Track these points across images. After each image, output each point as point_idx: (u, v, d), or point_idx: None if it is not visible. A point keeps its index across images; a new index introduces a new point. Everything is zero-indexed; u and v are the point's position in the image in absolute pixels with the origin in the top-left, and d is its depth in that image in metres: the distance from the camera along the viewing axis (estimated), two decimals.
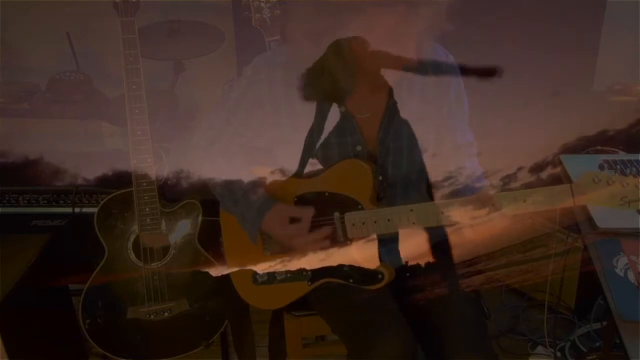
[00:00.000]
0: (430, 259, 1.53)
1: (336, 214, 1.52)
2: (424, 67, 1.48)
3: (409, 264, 1.54)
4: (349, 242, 1.53)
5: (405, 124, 1.52)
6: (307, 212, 1.52)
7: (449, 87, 1.55)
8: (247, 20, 1.99)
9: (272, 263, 1.55)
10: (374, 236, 1.50)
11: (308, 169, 1.54)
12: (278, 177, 1.55)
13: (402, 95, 1.50)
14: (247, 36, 2.18)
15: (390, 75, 1.45)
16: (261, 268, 1.58)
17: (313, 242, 1.51)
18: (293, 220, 1.52)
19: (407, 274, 1.56)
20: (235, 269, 1.62)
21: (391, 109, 1.50)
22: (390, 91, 1.50)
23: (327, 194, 1.53)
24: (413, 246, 1.50)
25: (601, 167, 1.36)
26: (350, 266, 1.53)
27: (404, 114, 1.51)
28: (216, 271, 1.74)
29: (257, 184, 1.54)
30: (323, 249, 1.51)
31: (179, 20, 2.47)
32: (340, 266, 1.54)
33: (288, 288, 1.60)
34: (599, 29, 2.52)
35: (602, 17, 2.51)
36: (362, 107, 1.50)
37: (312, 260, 1.52)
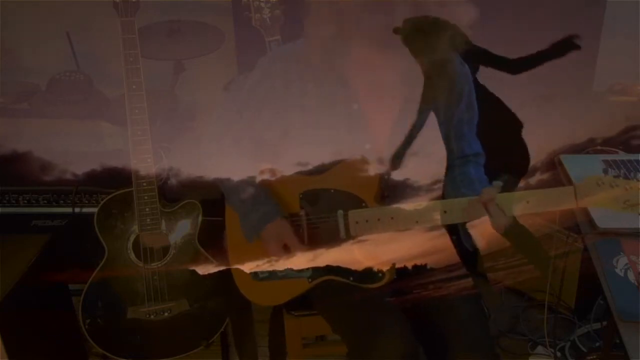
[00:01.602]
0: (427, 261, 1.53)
1: (340, 212, 1.52)
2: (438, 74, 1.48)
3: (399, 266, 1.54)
4: (351, 240, 1.53)
5: (417, 129, 1.51)
6: (300, 250, 1.52)
7: (461, 96, 1.55)
8: (247, 20, 1.98)
9: (280, 262, 1.55)
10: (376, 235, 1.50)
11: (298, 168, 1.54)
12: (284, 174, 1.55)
13: (414, 100, 1.50)
14: (247, 36, 2.18)
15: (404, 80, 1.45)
16: (259, 267, 1.58)
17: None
18: (286, 245, 1.53)
19: (402, 274, 1.56)
20: (240, 266, 1.63)
21: (404, 113, 1.50)
22: (404, 95, 1.50)
23: (332, 191, 1.53)
24: (413, 246, 1.50)
25: (605, 171, 1.36)
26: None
27: (414, 119, 1.51)
28: (203, 270, 1.74)
29: (262, 181, 1.54)
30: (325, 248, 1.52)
31: (179, 20, 2.47)
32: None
33: (288, 285, 1.60)
34: (599, 29, 2.52)
35: (602, 17, 2.51)
36: (375, 106, 1.50)
37: (320, 259, 1.52)
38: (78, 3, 2.44)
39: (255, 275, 1.61)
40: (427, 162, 1.55)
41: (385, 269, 1.53)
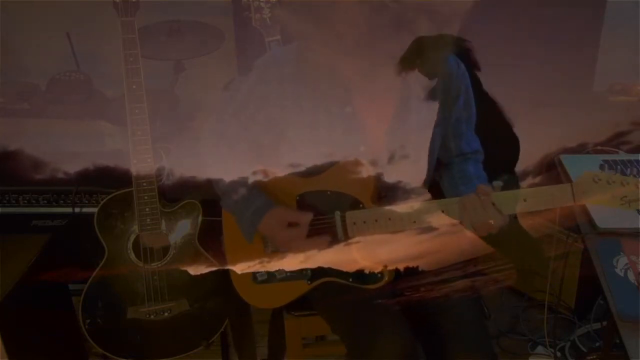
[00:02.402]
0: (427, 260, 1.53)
1: (337, 213, 1.52)
2: (434, 75, 1.48)
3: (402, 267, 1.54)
4: (349, 241, 1.53)
5: (414, 132, 1.52)
6: (305, 217, 1.51)
7: (458, 95, 1.55)
8: (247, 20, 1.98)
9: (271, 263, 1.55)
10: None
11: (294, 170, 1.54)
12: (277, 175, 1.55)
13: (411, 102, 1.50)
14: (247, 36, 2.19)
15: (401, 82, 1.45)
16: (261, 268, 1.58)
17: (310, 247, 1.50)
18: (291, 224, 1.52)
19: (401, 275, 1.56)
20: (232, 267, 1.62)
21: (400, 116, 1.50)
22: (400, 97, 1.50)
23: (329, 192, 1.53)
24: (412, 246, 1.50)
25: (602, 168, 1.36)
26: None
27: (412, 120, 1.51)
28: (194, 270, 1.74)
29: (257, 182, 1.54)
30: (322, 249, 1.51)
31: (179, 20, 2.47)
32: None
33: (287, 287, 1.60)
34: (599, 29, 2.52)
35: (602, 17, 2.51)
36: (370, 108, 1.50)
37: (311, 260, 1.52)
38: (78, 3, 2.45)
39: (254, 278, 1.61)
40: (421, 164, 1.55)
41: (383, 269, 1.53)
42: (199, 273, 1.94)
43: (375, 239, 1.48)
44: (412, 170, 1.53)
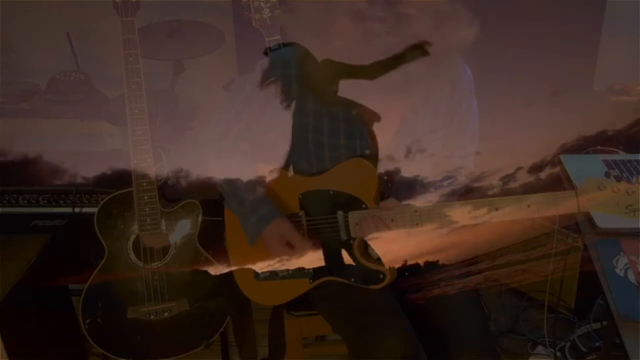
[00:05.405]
0: (431, 259, 1.53)
1: (340, 213, 1.52)
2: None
3: (409, 263, 1.54)
4: (351, 241, 1.53)
5: (420, 136, 1.51)
6: (303, 245, 1.52)
7: (462, 99, 1.55)
8: (247, 20, 1.99)
9: (272, 262, 1.55)
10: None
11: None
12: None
13: (417, 107, 1.50)
14: (247, 36, 2.18)
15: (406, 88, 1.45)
16: (261, 267, 1.59)
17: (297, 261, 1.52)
18: (289, 243, 1.52)
19: (406, 274, 1.56)
20: (235, 268, 1.63)
21: (407, 122, 1.50)
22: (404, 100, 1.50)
23: (331, 192, 1.53)
24: (414, 246, 1.50)
25: (607, 174, 1.34)
26: (352, 265, 1.53)
27: (417, 126, 1.51)
28: (215, 270, 1.74)
29: (262, 185, 1.54)
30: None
31: (179, 20, 2.47)
32: (342, 265, 1.54)
33: (289, 285, 1.61)
34: (599, 29, 2.52)
35: (602, 17, 2.51)
36: (375, 113, 1.50)
37: (313, 260, 1.52)
38: (78, 3, 2.45)
39: (256, 275, 1.61)
40: (436, 158, 1.55)
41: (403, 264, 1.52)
42: (202, 272, 1.94)
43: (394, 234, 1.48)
44: (429, 164, 1.53)
